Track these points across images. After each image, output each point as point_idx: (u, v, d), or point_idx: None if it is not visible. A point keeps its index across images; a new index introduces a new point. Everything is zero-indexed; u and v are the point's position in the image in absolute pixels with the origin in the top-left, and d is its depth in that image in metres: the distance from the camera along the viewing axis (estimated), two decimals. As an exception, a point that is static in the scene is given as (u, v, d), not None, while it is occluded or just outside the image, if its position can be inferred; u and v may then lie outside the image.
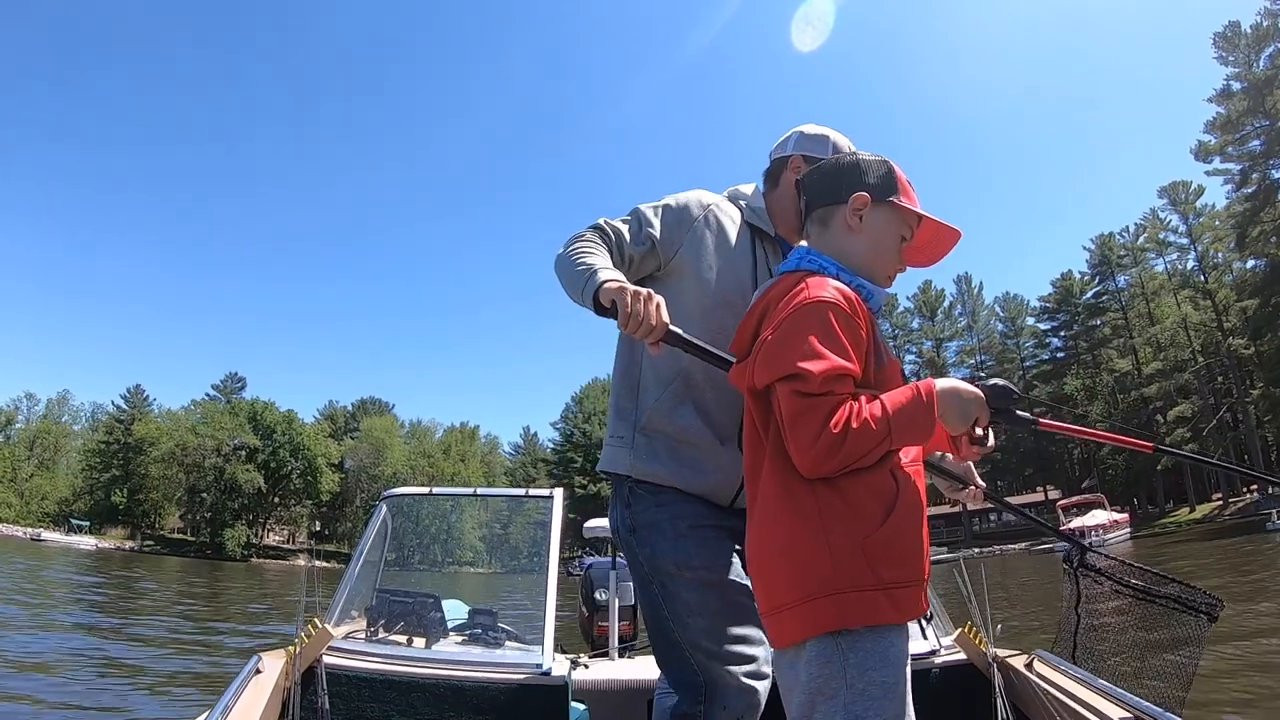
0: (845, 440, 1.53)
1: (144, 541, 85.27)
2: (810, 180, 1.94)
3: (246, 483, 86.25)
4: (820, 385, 1.57)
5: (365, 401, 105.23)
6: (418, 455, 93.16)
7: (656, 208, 2.46)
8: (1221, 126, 59.74)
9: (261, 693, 2.63)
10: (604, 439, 2.54)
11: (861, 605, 1.53)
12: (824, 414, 1.55)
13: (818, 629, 1.55)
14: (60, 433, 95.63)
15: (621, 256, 2.39)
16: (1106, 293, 75.02)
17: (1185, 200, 67.32)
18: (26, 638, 11.00)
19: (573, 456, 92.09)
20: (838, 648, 1.53)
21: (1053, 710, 2.65)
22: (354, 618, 3.80)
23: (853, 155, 1.92)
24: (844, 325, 1.64)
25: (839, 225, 1.84)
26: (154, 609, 18.66)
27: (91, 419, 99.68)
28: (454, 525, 20.61)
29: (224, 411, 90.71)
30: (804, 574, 1.58)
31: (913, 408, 1.58)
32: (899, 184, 1.84)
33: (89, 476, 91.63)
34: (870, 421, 1.55)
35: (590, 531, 5.13)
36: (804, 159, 2.42)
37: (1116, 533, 49.91)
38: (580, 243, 2.32)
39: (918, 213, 1.86)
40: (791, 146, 2.49)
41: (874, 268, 1.84)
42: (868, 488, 1.59)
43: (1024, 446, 77.17)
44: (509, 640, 3.85)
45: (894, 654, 1.55)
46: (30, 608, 15.26)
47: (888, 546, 1.56)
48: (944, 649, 3.28)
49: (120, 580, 29.21)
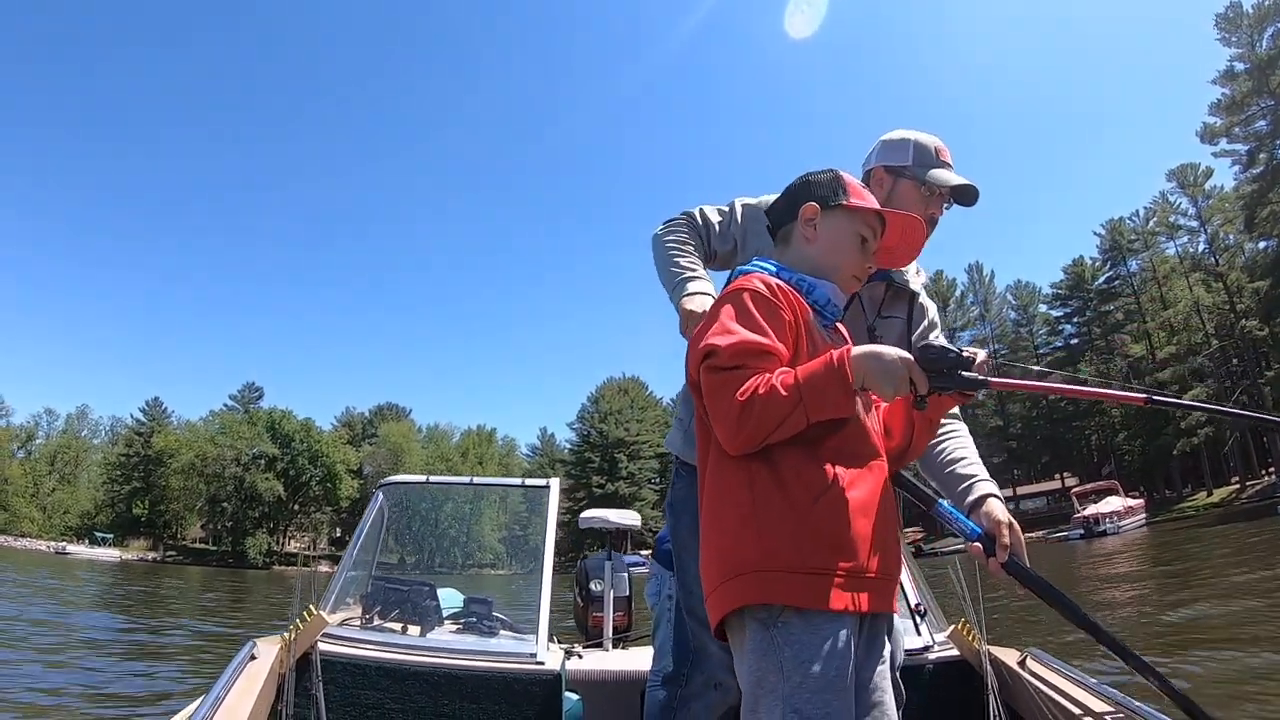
0: (753, 408, 1.55)
1: (166, 552, 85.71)
2: (771, 207, 2.01)
3: (266, 491, 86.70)
4: (730, 358, 1.61)
5: (382, 407, 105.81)
6: (436, 459, 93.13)
7: (747, 205, 2.51)
8: (1226, 108, 59.30)
9: (256, 679, 2.66)
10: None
11: (784, 584, 1.54)
12: (734, 386, 1.59)
13: (739, 601, 1.57)
14: (80, 447, 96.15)
15: (708, 248, 2.49)
16: (1118, 278, 74.35)
17: (1194, 183, 66.69)
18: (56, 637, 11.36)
19: (590, 456, 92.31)
20: (773, 641, 1.54)
21: (1045, 707, 2.67)
22: (349, 605, 3.81)
23: (803, 175, 1.96)
24: (760, 306, 1.69)
25: (797, 238, 1.91)
26: (180, 612, 19.01)
27: (111, 432, 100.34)
28: (473, 529, 20.81)
29: (242, 421, 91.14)
30: (732, 554, 1.61)
31: (824, 374, 1.58)
32: (847, 188, 1.89)
33: (110, 489, 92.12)
34: (780, 388, 1.56)
35: (585, 522, 5.10)
36: (885, 169, 2.46)
37: (1131, 519, 49.58)
38: (675, 233, 2.45)
39: (872, 209, 1.91)
40: (874, 159, 2.50)
41: (831, 269, 1.87)
42: (800, 470, 1.60)
43: (1040, 434, 76.96)
44: (504, 629, 3.85)
45: (833, 647, 1.53)
46: (60, 611, 15.61)
47: (818, 530, 1.56)
48: (937, 645, 3.28)
49: (145, 588, 29.61)
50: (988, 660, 2.99)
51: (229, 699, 2.42)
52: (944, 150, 2.45)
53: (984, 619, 3.10)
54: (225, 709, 2.36)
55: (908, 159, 2.42)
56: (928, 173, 2.40)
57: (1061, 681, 2.72)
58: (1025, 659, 3.00)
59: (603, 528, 4.91)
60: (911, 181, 2.41)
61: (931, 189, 2.40)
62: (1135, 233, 72.38)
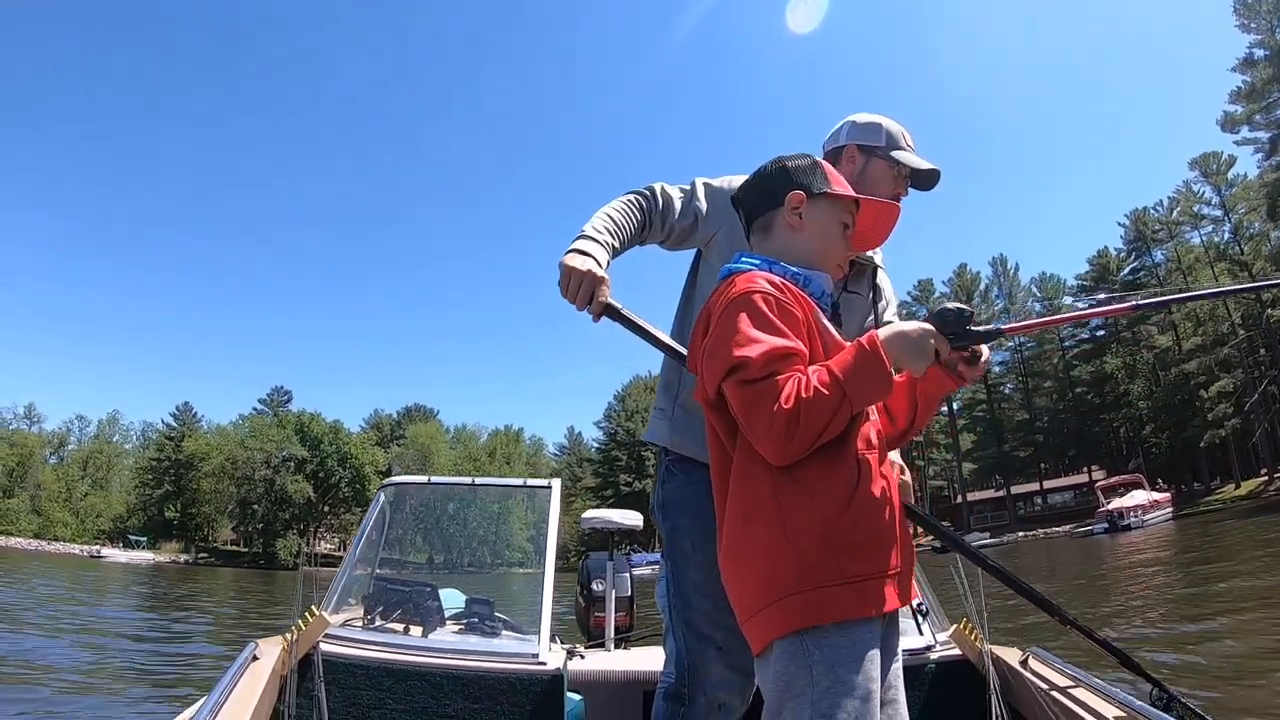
0: (800, 413, 1.50)
1: (198, 554, 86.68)
2: (745, 193, 1.96)
3: (296, 493, 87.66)
4: (762, 369, 1.55)
5: (410, 409, 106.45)
6: (463, 459, 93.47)
7: (709, 185, 2.52)
8: (1247, 95, 58.65)
9: (258, 679, 2.64)
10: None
11: (826, 602, 1.50)
12: (773, 395, 1.52)
13: (785, 628, 1.53)
14: (112, 452, 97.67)
15: (662, 224, 2.48)
16: (1143, 268, 73.52)
17: (1217, 171, 66.04)
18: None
19: (617, 455, 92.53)
20: (803, 645, 1.51)
21: (1047, 707, 2.64)
22: (351, 605, 3.80)
23: (779, 160, 1.92)
24: (775, 308, 1.64)
25: (781, 227, 1.87)
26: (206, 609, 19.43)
27: (142, 437, 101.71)
28: (502, 527, 20.85)
29: (271, 424, 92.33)
30: (770, 577, 1.56)
31: (860, 362, 1.56)
32: (828, 176, 1.88)
33: (142, 493, 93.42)
34: (821, 388, 1.52)
35: (587, 523, 5.08)
36: (858, 148, 2.51)
37: (1157, 513, 49.11)
38: (617, 202, 2.44)
39: (855, 197, 1.90)
40: (844, 136, 2.55)
41: (821, 259, 1.85)
42: (825, 477, 1.57)
43: (1066, 428, 76.43)
44: (506, 630, 3.81)
45: (862, 650, 1.51)
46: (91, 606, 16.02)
47: (849, 538, 1.54)
48: (939, 645, 3.24)
49: (183, 589, 30.12)
50: (990, 660, 2.98)
51: (231, 700, 2.41)
52: (909, 135, 2.55)
53: (986, 618, 3.08)
54: (227, 710, 2.35)
55: (880, 140, 2.50)
56: (899, 154, 2.49)
57: (1064, 681, 2.71)
58: (1027, 659, 2.99)
59: (604, 528, 4.89)
60: (884, 161, 2.49)
61: (900, 169, 2.49)
62: (1159, 222, 71.71)
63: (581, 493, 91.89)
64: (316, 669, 2.88)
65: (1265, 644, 7.95)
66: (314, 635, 2.99)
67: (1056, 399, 78.88)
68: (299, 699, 2.84)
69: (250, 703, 2.43)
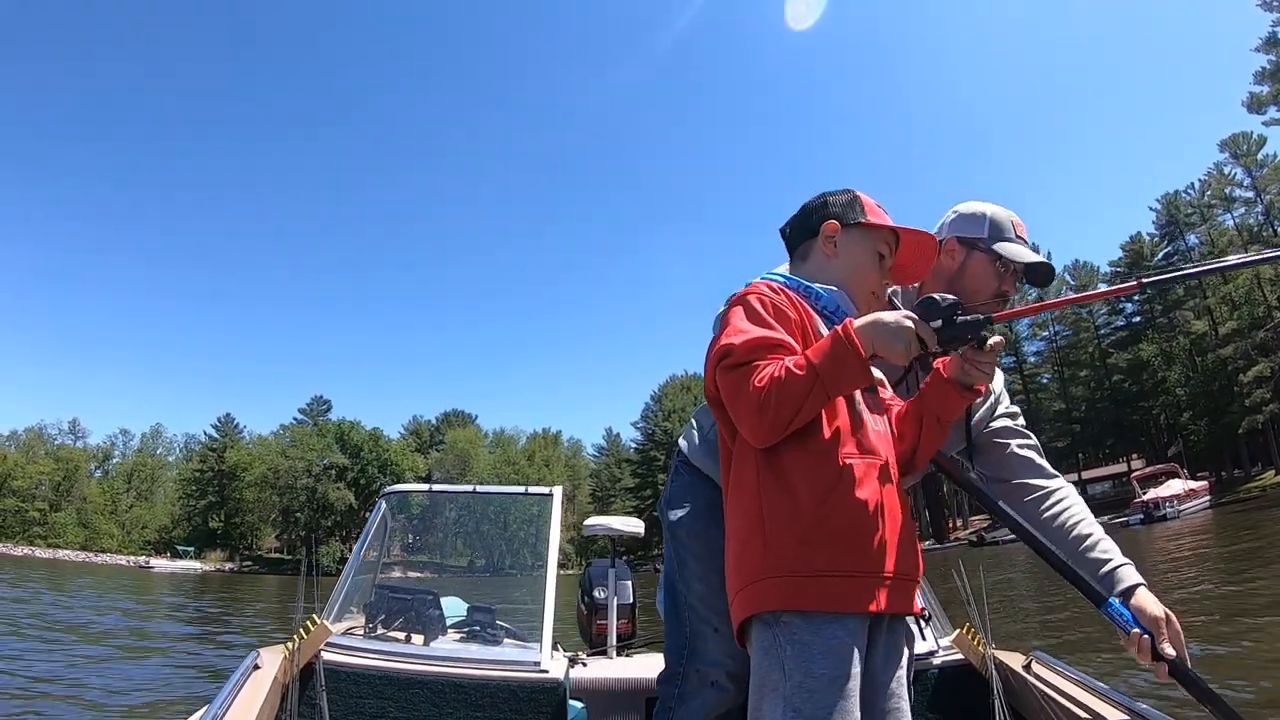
0: (771, 392, 1.55)
1: (243, 563, 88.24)
2: (789, 226, 2.03)
3: (338, 500, 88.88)
4: (745, 354, 1.62)
5: (449, 414, 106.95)
6: (502, 463, 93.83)
7: None
8: (1271, 75, 57.54)
9: (259, 688, 2.64)
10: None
11: (790, 590, 1.55)
12: (751, 377, 1.59)
13: (749, 610, 1.61)
14: (156, 464, 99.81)
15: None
16: (1177, 253, 72.10)
17: (1248, 152, 65.01)
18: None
19: (655, 455, 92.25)
20: (775, 640, 1.55)
21: (1050, 712, 2.63)
22: (353, 614, 3.80)
23: (821, 195, 1.97)
24: (769, 307, 1.72)
25: (816, 254, 1.94)
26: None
27: (185, 449, 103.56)
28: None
29: (312, 434, 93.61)
30: (743, 563, 1.64)
31: (834, 347, 1.57)
32: (865, 207, 1.92)
33: (186, 504, 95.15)
34: (794, 369, 1.56)
35: (589, 530, 5.06)
36: (959, 240, 2.38)
37: (1193, 502, 48.18)
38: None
39: (890, 227, 1.93)
40: (946, 230, 2.41)
41: (852, 285, 1.90)
42: (805, 472, 1.61)
43: (1104, 417, 75.43)
44: (507, 638, 3.81)
45: (835, 646, 1.53)
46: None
47: (817, 532, 1.57)
48: (942, 650, 3.22)
49: (233, 597, 30.57)
50: (993, 664, 2.97)
51: (233, 710, 2.41)
52: (1020, 225, 2.37)
53: (989, 623, 3.06)
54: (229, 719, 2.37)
55: (983, 232, 2.35)
56: (1003, 247, 2.33)
57: (1068, 685, 2.70)
58: (1031, 663, 2.97)
59: (606, 535, 4.90)
60: (985, 255, 2.34)
61: (1006, 264, 2.33)
62: (1191, 205, 70.69)
63: (620, 494, 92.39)
64: (318, 678, 2.89)
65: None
66: (316, 644, 3.00)
67: (1094, 388, 77.78)
68: (301, 708, 2.86)
69: (252, 712, 2.45)
